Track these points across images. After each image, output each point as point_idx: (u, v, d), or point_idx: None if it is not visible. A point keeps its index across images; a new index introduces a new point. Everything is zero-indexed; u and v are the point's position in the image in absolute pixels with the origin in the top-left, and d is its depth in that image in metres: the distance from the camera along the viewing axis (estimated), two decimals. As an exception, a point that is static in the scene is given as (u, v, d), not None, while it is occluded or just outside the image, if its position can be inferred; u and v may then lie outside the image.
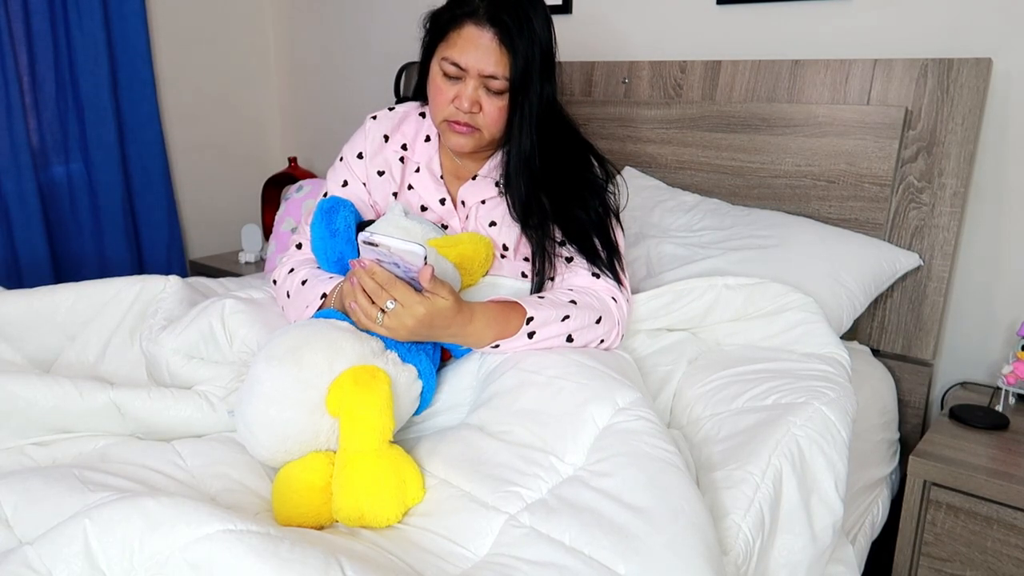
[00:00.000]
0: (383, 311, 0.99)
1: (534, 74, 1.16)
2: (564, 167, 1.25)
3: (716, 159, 1.76)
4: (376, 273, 0.98)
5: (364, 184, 1.33)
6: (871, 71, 1.58)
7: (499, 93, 1.17)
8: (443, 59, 1.17)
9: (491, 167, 1.31)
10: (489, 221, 1.28)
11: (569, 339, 1.14)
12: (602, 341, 1.18)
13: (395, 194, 1.33)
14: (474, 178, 1.31)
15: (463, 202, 1.30)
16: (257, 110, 2.83)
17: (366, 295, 1.00)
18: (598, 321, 1.16)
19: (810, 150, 1.63)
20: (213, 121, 2.70)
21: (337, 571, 0.69)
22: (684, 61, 1.82)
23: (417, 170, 1.32)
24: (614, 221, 1.27)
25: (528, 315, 1.10)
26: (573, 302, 1.15)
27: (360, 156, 1.33)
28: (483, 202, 1.29)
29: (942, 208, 1.53)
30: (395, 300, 0.98)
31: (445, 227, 1.32)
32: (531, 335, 1.10)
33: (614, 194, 1.29)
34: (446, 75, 1.18)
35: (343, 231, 1.20)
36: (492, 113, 1.19)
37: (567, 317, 1.13)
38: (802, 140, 1.64)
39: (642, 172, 1.87)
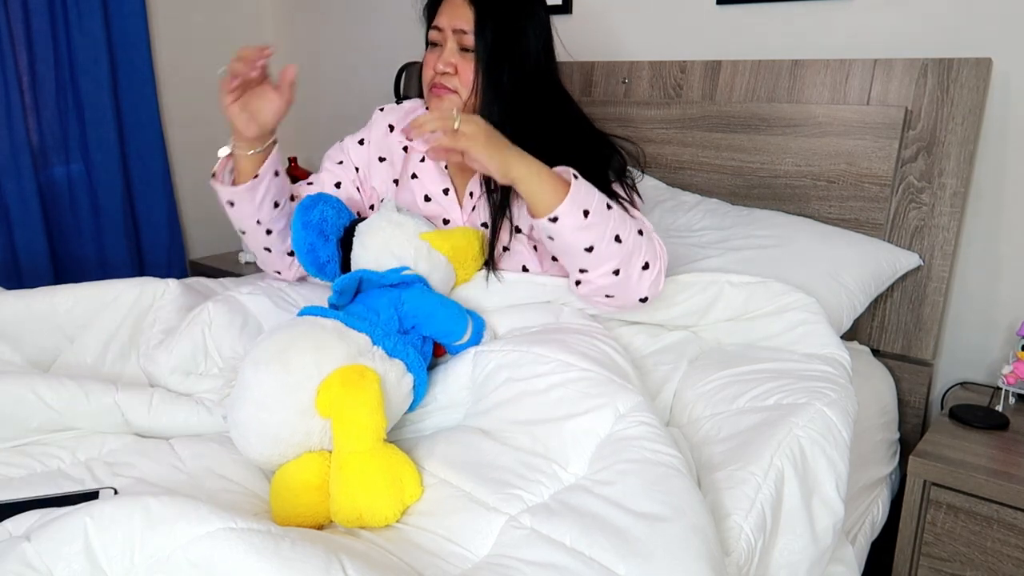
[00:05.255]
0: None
1: (505, 40, 1.19)
2: (556, 145, 1.22)
3: (716, 159, 1.76)
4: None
5: (357, 169, 1.37)
6: (871, 71, 1.58)
7: (475, 52, 1.21)
8: (429, 30, 1.24)
9: None
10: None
11: (617, 239, 1.11)
12: (647, 266, 1.14)
13: (396, 181, 1.35)
14: None
15: (471, 193, 1.31)
16: (257, 110, 2.82)
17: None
18: (640, 233, 1.15)
19: (810, 150, 1.63)
20: (213, 121, 2.69)
21: (338, 570, 0.69)
22: (684, 61, 1.82)
23: (422, 160, 1.34)
24: (621, 185, 1.25)
25: (572, 175, 1.09)
26: (609, 206, 1.13)
27: (361, 143, 1.38)
28: (490, 190, 1.30)
29: (942, 208, 1.53)
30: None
31: (447, 222, 1.33)
32: (586, 213, 1.08)
33: (628, 170, 1.29)
34: (432, 44, 1.24)
35: (315, 223, 1.23)
36: (466, 74, 1.22)
37: (610, 206, 1.12)
38: (802, 140, 1.64)
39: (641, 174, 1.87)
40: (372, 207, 1.40)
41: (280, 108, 1.19)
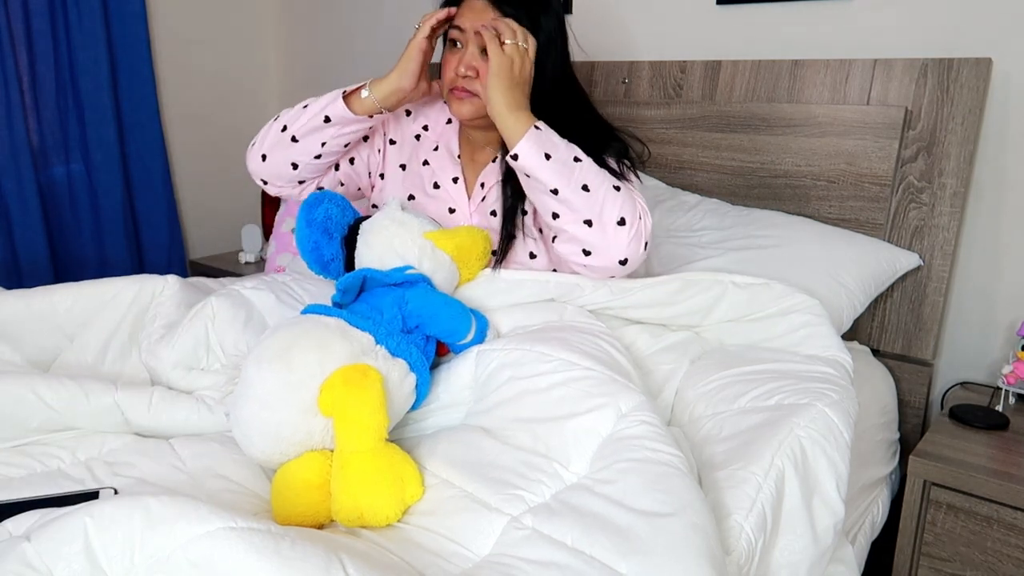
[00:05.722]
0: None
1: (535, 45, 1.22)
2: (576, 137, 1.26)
3: (716, 159, 1.76)
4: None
5: (385, 134, 1.39)
6: (871, 71, 1.58)
7: None
8: (448, 29, 1.26)
9: None
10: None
11: (585, 188, 1.14)
12: (623, 222, 1.16)
13: (403, 166, 1.37)
14: (494, 160, 1.33)
15: (482, 184, 1.33)
16: (257, 110, 2.83)
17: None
18: (617, 188, 1.17)
19: (810, 150, 1.63)
20: (213, 121, 2.70)
21: (339, 569, 0.69)
22: (684, 61, 1.82)
23: (435, 148, 1.37)
24: (617, 164, 1.28)
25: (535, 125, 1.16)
26: (578, 159, 1.17)
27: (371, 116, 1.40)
28: (504, 181, 1.32)
29: (942, 208, 1.53)
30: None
31: (453, 211, 1.34)
32: (548, 156, 1.14)
33: (631, 160, 1.31)
34: (452, 43, 1.26)
35: (320, 221, 1.23)
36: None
37: (579, 159, 1.16)
38: (802, 140, 1.64)
39: (642, 172, 1.86)
40: (382, 175, 1.41)
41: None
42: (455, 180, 1.34)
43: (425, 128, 1.39)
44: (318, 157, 1.29)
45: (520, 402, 1.02)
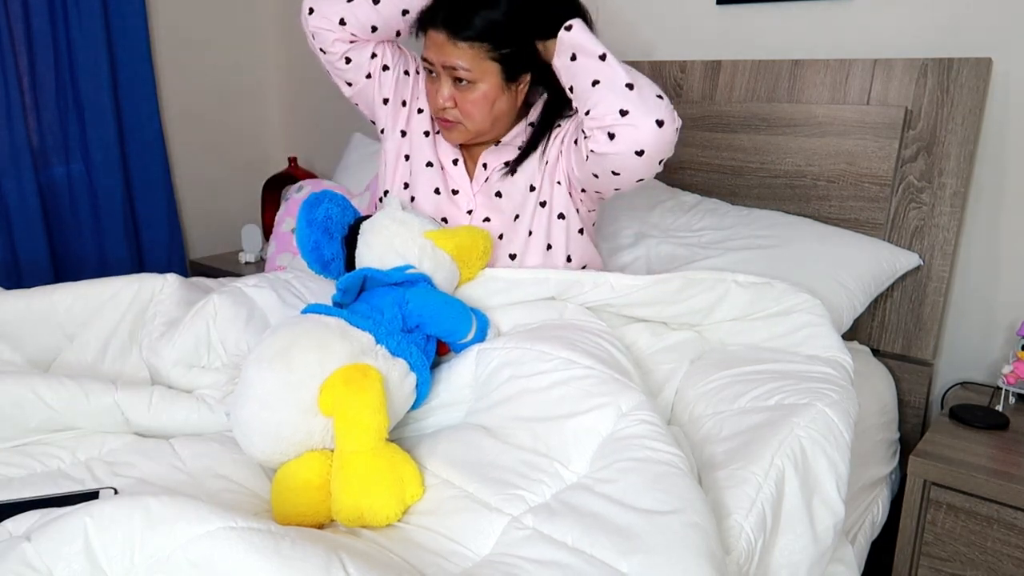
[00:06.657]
0: None
1: (508, 61, 1.23)
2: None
3: (716, 159, 1.76)
4: None
5: (407, 72, 1.39)
6: (871, 71, 1.58)
7: (470, 83, 1.24)
8: (422, 59, 1.28)
9: (514, 135, 1.35)
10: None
11: (626, 69, 1.16)
12: (661, 97, 1.16)
13: (427, 132, 1.39)
14: (497, 143, 1.36)
15: (484, 164, 1.35)
16: (257, 110, 2.82)
17: None
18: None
19: (810, 150, 1.63)
20: (213, 121, 2.70)
21: (339, 568, 0.69)
22: (684, 61, 1.82)
23: (437, 132, 1.39)
24: None
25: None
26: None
27: (417, 72, 1.40)
28: (506, 163, 1.34)
29: (942, 208, 1.53)
30: None
31: (456, 192, 1.35)
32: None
33: None
34: (429, 73, 1.28)
35: (320, 221, 1.23)
36: (465, 106, 1.26)
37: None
38: (802, 140, 1.64)
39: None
40: (404, 132, 1.41)
41: None
42: (455, 162, 1.37)
43: None
44: (376, 2, 1.26)
45: (520, 401, 1.03)
